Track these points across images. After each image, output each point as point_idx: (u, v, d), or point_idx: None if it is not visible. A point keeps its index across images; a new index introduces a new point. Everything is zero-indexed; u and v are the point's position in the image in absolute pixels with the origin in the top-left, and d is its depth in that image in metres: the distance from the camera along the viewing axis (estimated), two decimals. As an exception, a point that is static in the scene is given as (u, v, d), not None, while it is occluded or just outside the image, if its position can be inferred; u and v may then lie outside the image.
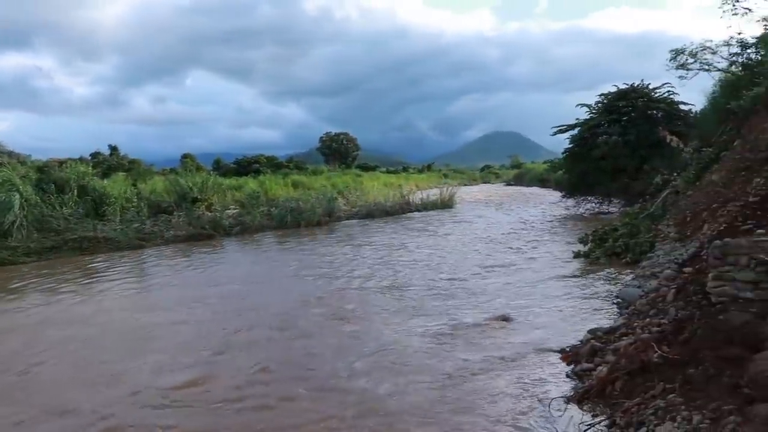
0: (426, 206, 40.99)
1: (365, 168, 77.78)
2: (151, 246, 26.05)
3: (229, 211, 32.50)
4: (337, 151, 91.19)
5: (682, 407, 6.91)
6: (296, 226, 31.33)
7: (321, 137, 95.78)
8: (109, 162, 51.73)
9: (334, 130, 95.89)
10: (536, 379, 9.03)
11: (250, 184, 39.62)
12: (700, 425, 6.34)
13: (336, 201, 36.96)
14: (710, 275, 8.43)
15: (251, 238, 28.26)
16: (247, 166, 59.93)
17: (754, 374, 5.81)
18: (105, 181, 31.83)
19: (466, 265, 18.40)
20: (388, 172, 78.97)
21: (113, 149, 58.27)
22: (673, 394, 7.32)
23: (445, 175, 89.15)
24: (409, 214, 37.89)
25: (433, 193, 44.37)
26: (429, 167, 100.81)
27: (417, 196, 43.02)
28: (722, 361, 7.21)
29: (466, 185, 79.86)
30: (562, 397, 8.32)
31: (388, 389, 8.76)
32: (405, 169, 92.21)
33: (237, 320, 12.92)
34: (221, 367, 10.00)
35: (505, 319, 11.93)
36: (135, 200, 30.47)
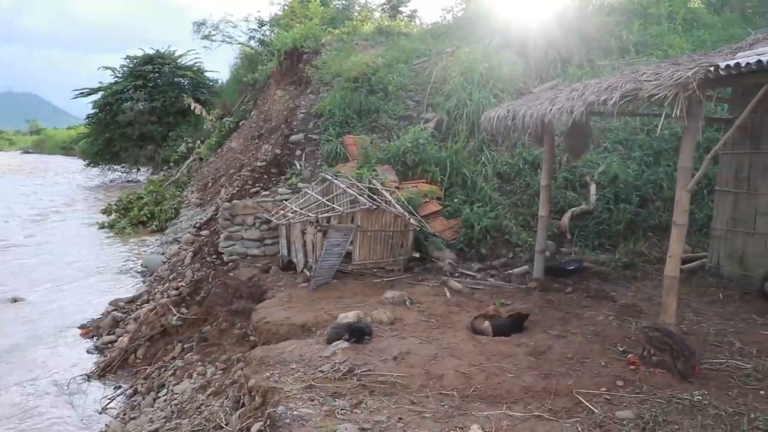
0: None
1: None
2: None
3: None
4: None
5: (199, 363, 7.27)
6: None
7: None
8: None
9: None
10: (52, 362, 8.43)
11: None
12: (213, 377, 6.77)
13: None
14: (222, 236, 9.02)
15: None
16: None
17: (256, 322, 6.43)
18: None
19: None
20: None
21: None
22: (191, 353, 7.65)
23: (-55, 141, 75.64)
24: None
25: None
26: None
27: None
28: (233, 314, 7.81)
29: (-27, 153, 69.51)
30: (81, 374, 7.93)
31: None
32: None
33: None
34: None
35: (16, 300, 10.77)
36: None
